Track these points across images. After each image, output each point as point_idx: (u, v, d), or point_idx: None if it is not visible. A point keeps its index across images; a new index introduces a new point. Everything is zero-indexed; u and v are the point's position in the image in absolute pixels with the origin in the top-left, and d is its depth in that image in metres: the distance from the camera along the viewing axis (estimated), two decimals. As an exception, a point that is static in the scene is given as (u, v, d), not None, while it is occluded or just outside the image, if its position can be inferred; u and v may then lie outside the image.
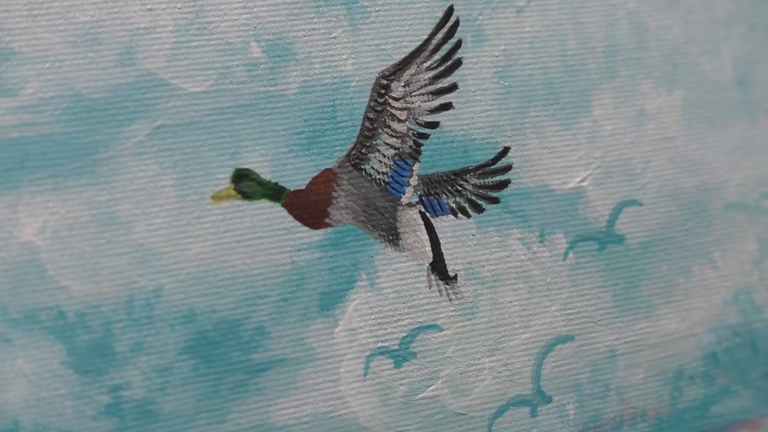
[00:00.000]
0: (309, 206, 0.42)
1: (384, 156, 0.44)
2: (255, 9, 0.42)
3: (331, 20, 0.43)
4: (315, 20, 0.43)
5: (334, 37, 0.43)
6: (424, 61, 0.45)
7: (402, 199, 0.44)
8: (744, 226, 0.50)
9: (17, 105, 0.39)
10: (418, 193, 0.44)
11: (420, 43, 0.45)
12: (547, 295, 0.46)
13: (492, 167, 0.46)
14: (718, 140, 0.50)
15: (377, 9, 0.44)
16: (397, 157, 0.44)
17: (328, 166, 0.43)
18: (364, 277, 0.43)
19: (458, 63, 0.45)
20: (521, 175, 0.46)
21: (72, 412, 0.38)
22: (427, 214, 0.44)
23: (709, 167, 0.50)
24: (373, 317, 0.43)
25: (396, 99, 0.44)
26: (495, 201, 0.45)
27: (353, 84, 0.43)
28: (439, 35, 0.45)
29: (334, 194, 0.43)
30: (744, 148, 0.50)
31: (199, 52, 0.41)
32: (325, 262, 0.42)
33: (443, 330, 0.44)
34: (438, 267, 0.44)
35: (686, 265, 0.49)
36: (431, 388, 0.43)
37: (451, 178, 0.45)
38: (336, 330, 0.42)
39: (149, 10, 0.40)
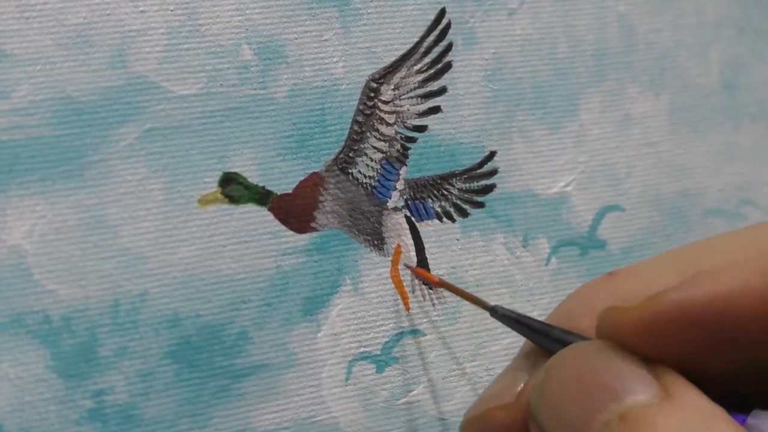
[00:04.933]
0: (295, 210, 0.42)
1: (371, 160, 0.44)
2: (247, 11, 0.42)
3: (323, 23, 0.43)
4: (307, 22, 0.43)
5: (326, 40, 0.43)
6: (415, 64, 0.45)
7: (388, 204, 0.44)
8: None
9: (8, 108, 0.38)
10: (404, 197, 0.44)
11: (411, 45, 0.45)
12: (529, 300, 0.46)
13: (478, 171, 0.46)
14: (701, 145, 0.50)
15: (369, 11, 0.44)
16: (384, 161, 0.44)
17: (316, 170, 0.43)
18: (348, 281, 0.43)
19: (448, 66, 0.45)
20: (506, 179, 0.46)
21: (55, 417, 0.38)
22: (413, 219, 0.44)
23: (691, 172, 0.50)
24: (356, 322, 0.43)
25: (385, 102, 0.44)
26: (480, 205, 0.46)
27: (343, 87, 0.43)
28: (431, 38, 0.45)
29: (321, 198, 0.43)
30: (726, 154, 0.51)
31: (190, 54, 0.41)
32: (310, 266, 0.42)
33: (426, 335, 0.44)
34: (421, 271, 0.44)
35: (665, 270, 0.49)
36: (413, 393, 0.43)
37: (437, 182, 0.45)
38: (319, 335, 0.42)
39: (141, 12, 0.40)
